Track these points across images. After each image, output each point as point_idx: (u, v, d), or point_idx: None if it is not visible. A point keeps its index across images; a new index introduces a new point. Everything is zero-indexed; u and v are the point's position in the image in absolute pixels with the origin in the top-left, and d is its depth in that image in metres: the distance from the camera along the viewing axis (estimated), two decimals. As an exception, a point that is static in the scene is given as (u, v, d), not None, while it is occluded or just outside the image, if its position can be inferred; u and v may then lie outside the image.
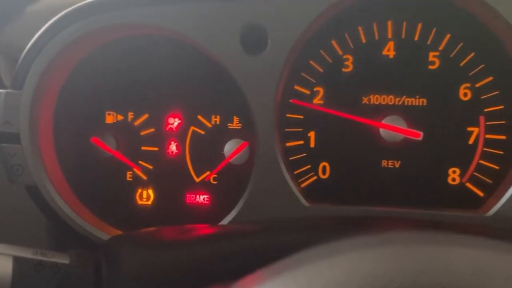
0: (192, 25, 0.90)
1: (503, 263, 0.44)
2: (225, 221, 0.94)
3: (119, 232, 0.97)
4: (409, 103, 0.94)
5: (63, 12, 0.89)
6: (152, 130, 1.00)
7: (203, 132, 0.99)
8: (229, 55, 0.90)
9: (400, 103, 0.94)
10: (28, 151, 0.91)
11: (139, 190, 1.01)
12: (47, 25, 0.89)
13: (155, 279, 0.72)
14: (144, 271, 0.72)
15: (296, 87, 0.95)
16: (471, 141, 0.93)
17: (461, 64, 0.92)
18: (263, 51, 0.89)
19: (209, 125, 0.98)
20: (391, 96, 0.94)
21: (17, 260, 0.69)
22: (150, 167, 1.00)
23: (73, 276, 0.72)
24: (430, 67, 0.93)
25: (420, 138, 0.93)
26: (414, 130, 0.93)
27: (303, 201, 0.92)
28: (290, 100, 0.95)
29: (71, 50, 0.92)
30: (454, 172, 0.94)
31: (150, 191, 1.00)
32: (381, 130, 0.94)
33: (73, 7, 0.89)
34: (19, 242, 0.72)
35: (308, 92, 0.95)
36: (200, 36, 0.89)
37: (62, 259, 0.73)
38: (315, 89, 0.96)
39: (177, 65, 0.98)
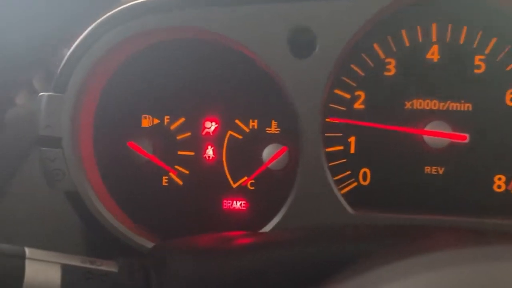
0: (239, 28, 0.88)
1: None
2: (267, 228, 0.92)
3: (156, 239, 0.95)
4: (454, 108, 0.92)
5: (110, 13, 0.87)
6: (189, 134, 0.98)
7: (240, 137, 0.97)
8: (277, 58, 0.87)
9: (444, 108, 0.92)
10: (70, 155, 0.89)
11: (175, 196, 0.98)
12: (93, 25, 0.87)
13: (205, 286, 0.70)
14: (195, 279, 0.70)
15: (336, 91, 0.93)
16: (517, 148, 0.91)
17: (508, 69, 0.90)
18: (311, 55, 0.87)
19: (246, 129, 0.96)
20: (435, 101, 0.92)
21: (65, 269, 0.67)
22: (186, 172, 0.98)
23: (122, 284, 0.70)
24: (476, 71, 0.91)
25: (466, 141, 0.91)
26: (460, 134, 0.91)
27: (348, 208, 0.90)
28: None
29: (115, 53, 0.90)
30: (499, 179, 0.92)
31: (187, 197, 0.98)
32: (425, 136, 0.92)
33: (120, 8, 0.87)
34: (65, 250, 0.70)
35: (348, 96, 0.93)
36: (247, 39, 0.87)
37: (111, 268, 0.71)
38: (356, 93, 0.94)
39: (216, 68, 0.96)
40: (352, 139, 0.94)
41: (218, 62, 0.96)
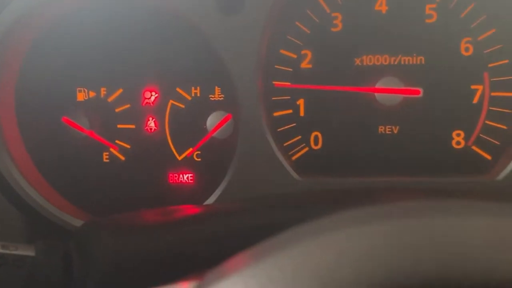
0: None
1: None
2: (210, 201, 0.87)
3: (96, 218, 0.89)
4: (406, 62, 0.86)
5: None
6: (128, 106, 0.92)
7: (182, 106, 0.91)
8: (203, 15, 0.81)
9: (395, 62, 0.86)
10: (-14, 132, 0.83)
11: (117, 172, 0.93)
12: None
13: (132, 270, 0.64)
14: (120, 261, 0.65)
15: (281, 51, 0.87)
16: (475, 100, 0.86)
17: (461, 16, 0.84)
18: (241, 11, 0.80)
19: (188, 97, 0.90)
20: (385, 56, 0.86)
21: (-26, 255, 0.62)
22: (128, 146, 0.92)
23: (40, 270, 0.64)
24: (427, 21, 0.85)
25: (420, 95, 0.85)
26: (413, 88, 0.85)
27: (293, 174, 0.84)
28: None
29: (28, 21, 0.84)
30: (458, 135, 0.86)
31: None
32: (376, 94, 0.86)
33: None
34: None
35: (295, 56, 0.88)
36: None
37: (27, 252, 0.65)
38: (303, 52, 0.88)
39: (151, 33, 0.90)
40: (300, 102, 0.89)
41: (152, 28, 0.89)
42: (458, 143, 0.87)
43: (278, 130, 0.88)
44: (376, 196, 0.71)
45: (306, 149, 0.89)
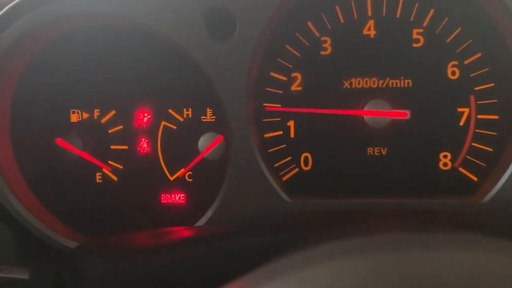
0: (150, 11, 0.83)
1: (499, 265, 0.38)
2: (202, 221, 0.87)
3: (89, 240, 0.90)
4: (394, 85, 0.87)
5: (9, 5, 0.82)
6: (121, 127, 0.93)
7: (175, 127, 0.92)
8: (194, 42, 0.83)
9: (384, 85, 0.88)
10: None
11: (110, 193, 0.94)
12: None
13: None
14: (112, 284, 0.66)
15: (272, 73, 0.89)
16: (461, 123, 0.87)
17: (448, 40, 0.86)
18: (231, 36, 0.82)
19: (181, 119, 0.92)
20: (374, 79, 0.88)
21: (-32, 279, 0.63)
22: (121, 166, 0.94)
23: (33, 292, 0.65)
24: (415, 45, 0.87)
25: (407, 117, 0.86)
26: (400, 110, 0.87)
27: (283, 196, 0.85)
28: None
29: (23, 45, 0.85)
30: (445, 156, 0.88)
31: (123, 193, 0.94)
32: (365, 116, 0.88)
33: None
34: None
35: (285, 78, 0.89)
36: (161, 23, 0.83)
37: (21, 274, 0.66)
38: (293, 75, 0.89)
39: (143, 57, 0.91)
40: (291, 123, 0.90)
41: (145, 51, 0.91)
42: (445, 164, 0.88)
43: (269, 151, 0.90)
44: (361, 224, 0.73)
45: (297, 169, 0.90)
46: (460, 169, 0.88)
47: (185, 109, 0.92)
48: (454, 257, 0.39)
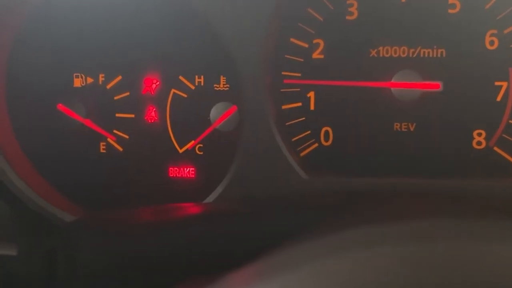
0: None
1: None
2: (210, 198, 0.82)
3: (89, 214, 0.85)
4: (425, 55, 0.80)
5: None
6: (127, 94, 0.87)
7: (185, 95, 0.86)
8: (209, 3, 0.77)
9: (414, 55, 0.80)
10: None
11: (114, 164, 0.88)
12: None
13: (121, 274, 0.60)
14: (108, 263, 0.60)
15: (292, 40, 0.82)
16: (499, 98, 0.80)
17: (487, 7, 0.79)
18: (248, -5, 0.75)
19: (192, 86, 0.85)
20: (403, 47, 0.81)
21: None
22: (126, 136, 0.88)
23: (21, 270, 0.59)
24: (450, 11, 0.80)
25: (439, 90, 0.79)
26: (432, 82, 0.79)
27: (301, 172, 0.79)
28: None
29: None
30: (479, 134, 0.81)
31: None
32: (392, 88, 0.81)
33: None
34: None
35: (306, 45, 0.82)
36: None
37: (8, 251, 0.60)
38: (315, 41, 0.82)
39: (153, 18, 0.85)
40: (311, 95, 0.83)
41: (155, 12, 0.85)
42: (479, 143, 0.81)
43: (286, 124, 0.83)
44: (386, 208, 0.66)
45: (316, 145, 0.84)
46: (495, 148, 0.81)
47: (197, 76, 0.85)
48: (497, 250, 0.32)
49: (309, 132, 0.84)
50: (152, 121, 0.87)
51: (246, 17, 0.76)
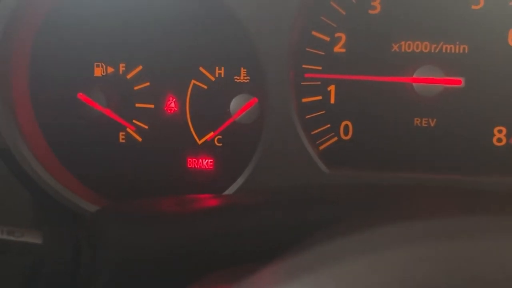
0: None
1: None
2: (231, 190, 0.82)
3: (107, 202, 0.85)
4: (448, 50, 0.80)
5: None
6: (147, 84, 0.87)
7: (205, 87, 0.86)
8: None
9: (436, 50, 0.80)
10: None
11: (133, 154, 0.88)
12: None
13: (147, 263, 0.60)
14: (134, 253, 0.60)
15: (314, 33, 0.82)
16: (520, 95, 0.80)
17: (510, 4, 0.78)
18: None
19: (212, 78, 0.85)
20: (426, 43, 0.80)
21: (-24, 241, 0.57)
22: (146, 126, 0.88)
23: (47, 258, 0.59)
24: (474, 7, 0.79)
25: (461, 85, 0.79)
26: (454, 78, 0.79)
27: (321, 166, 0.79)
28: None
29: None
30: (500, 131, 0.81)
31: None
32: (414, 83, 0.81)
33: None
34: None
35: (328, 38, 0.82)
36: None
37: (34, 239, 0.60)
38: (336, 35, 0.82)
39: (174, 8, 0.84)
40: (331, 88, 0.83)
41: (177, 2, 0.84)
42: (499, 140, 0.81)
43: (306, 117, 0.83)
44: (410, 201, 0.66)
45: (335, 139, 0.84)
46: (516, 146, 0.81)
47: (217, 68, 0.85)
48: None
49: (328, 125, 0.84)
50: (172, 112, 0.87)
51: (272, 11, 0.76)
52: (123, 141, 0.88)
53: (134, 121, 0.88)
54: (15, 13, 0.78)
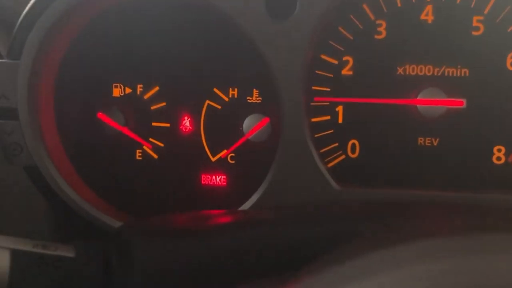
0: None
1: None
2: (246, 206, 0.85)
3: (127, 218, 0.88)
4: (450, 74, 0.84)
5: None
6: (163, 104, 0.90)
7: (219, 107, 0.90)
8: (253, 20, 0.80)
9: (439, 73, 0.84)
10: (27, 128, 0.83)
11: (149, 171, 0.92)
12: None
13: (175, 274, 0.63)
14: (162, 264, 0.63)
15: (322, 56, 0.86)
16: (518, 116, 0.84)
17: (509, 30, 0.82)
18: (290, 16, 0.79)
19: (226, 98, 0.89)
20: (429, 66, 0.85)
21: (15, 254, 0.61)
22: (162, 144, 0.91)
23: (80, 271, 0.63)
24: (474, 33, 0.83)
25: (463, 107, 0.83)
26: (456, 99, 0.83)
27: (333, 183, 0.83)
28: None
29: (72, 15, 0.83)
30: (499, 150, 0.85)
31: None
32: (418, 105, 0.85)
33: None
34: (17, 233, 0.64)
35: (336, 61, 0.86)
36: (220, -1, 0.80)
37: (67, 252, 0.64)
38: (344, 58, 0.86)
39: (192, 32, 0.88)
40: (339, 109, 0.87)
41: (193, 25, 0.88)
42: (498, 158, 0.85)
43: (315, 136, 0.87)
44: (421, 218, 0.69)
45: (343, 156, 0.88)
46: (514, 164, 0.85)
47: (230, 89, 0.89)
48: None
49: (337, 144, 0.88)
50: (187, 130, 0.91)
51: (287, 37, 0.80)
52: (140, 158, 0.92)
53: (150, 139, 0.91)
54: (44, 41, 0.82)
